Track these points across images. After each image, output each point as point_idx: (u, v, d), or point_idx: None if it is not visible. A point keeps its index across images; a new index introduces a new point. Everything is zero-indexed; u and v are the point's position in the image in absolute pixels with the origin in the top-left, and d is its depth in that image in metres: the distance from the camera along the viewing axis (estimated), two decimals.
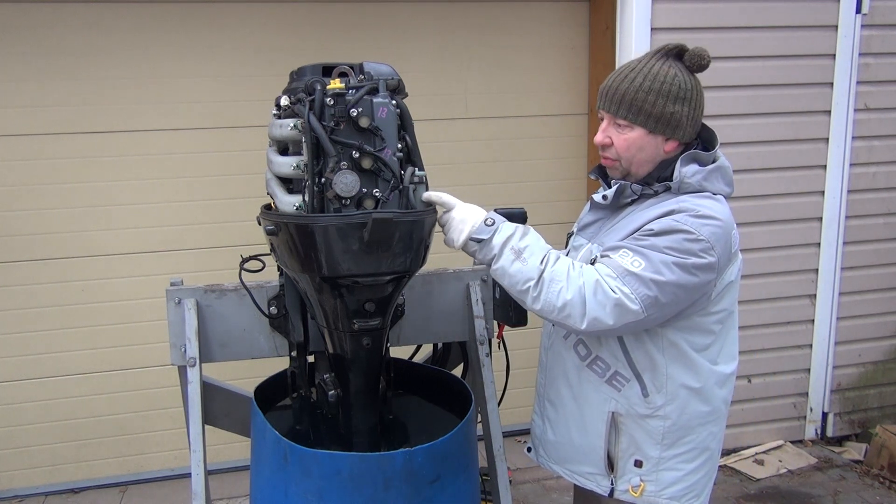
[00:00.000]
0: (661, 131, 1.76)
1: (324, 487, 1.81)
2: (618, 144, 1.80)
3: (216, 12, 3.41)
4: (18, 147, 3.34)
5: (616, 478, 1.86)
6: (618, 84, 1.77)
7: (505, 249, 1.67)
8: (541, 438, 2.04)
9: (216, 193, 3.54)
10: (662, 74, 1.74)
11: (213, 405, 2.27)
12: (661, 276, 1.61)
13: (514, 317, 2.06)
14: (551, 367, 1.99)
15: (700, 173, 1.75)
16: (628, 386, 1.81)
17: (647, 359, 1.79)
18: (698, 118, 1.79)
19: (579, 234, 1.97)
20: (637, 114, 1.75)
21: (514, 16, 3.72)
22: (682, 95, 1.74)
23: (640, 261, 1.63)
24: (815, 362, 3.98)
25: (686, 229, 1.65)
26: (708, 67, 1.77)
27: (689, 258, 1.63)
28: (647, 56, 1.81)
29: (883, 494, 3.60)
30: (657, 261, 1.62)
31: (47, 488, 3.63)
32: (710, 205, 1.72)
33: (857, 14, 3.63)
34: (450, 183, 3.61)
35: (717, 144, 1.82)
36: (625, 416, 1.83)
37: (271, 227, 1.81)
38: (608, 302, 1.61)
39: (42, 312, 3.48)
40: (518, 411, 3.96)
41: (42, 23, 3.26)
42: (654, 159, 1.79)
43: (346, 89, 1.71)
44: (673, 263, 1.62)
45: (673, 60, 1.78)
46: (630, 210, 1.82)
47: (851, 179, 3.82)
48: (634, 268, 1.62)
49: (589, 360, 1.85)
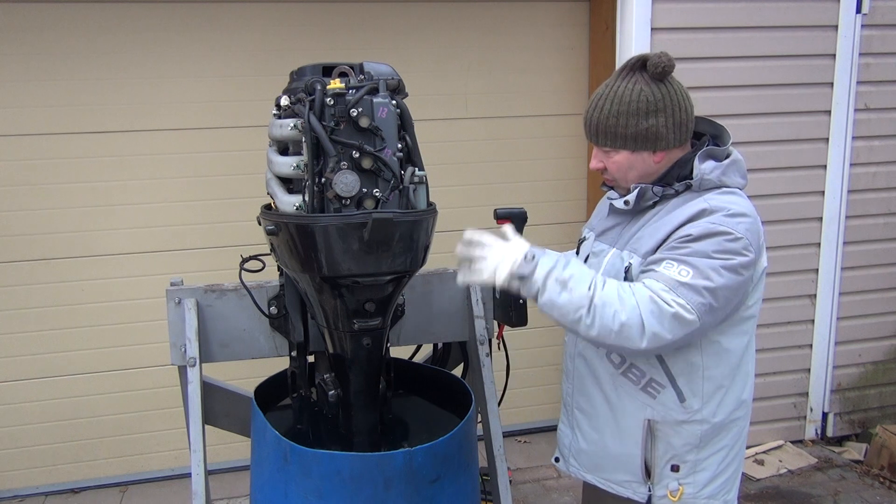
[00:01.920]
0: (642, 148, 1.77)
1: (324, 487, 1.81)
2: (610, 168, 1.83)
3: (216, 12, 3.41)
4: (18, 147, 3.34)
5: (653, 484, 1.85)
6: (591, 115, 1.80)
7: (549, 282, 1.63)
8: (570, 448, 2.01)
9: (216, 193, 3.54)
10: (627, 94, 1.74)
11: (213, 405, 2.27)
12: (711, 281, 1.62)
13: (514, 317, 2.06)
14: (581, 375, 1.94)
15: (718, 169, 1.76)
16: (664, 392, 1.80)
17: (684, 363, 1.78)
18: (681, 121, 1.77)
19: (599, 240, 1.94)
20: (614, 139, 1.77)
21: (515, 16, 3.72)
22: (652, 108, 1.73)
23: (687, 269, 1.63)
24: (815, 362, 3.98)
25: (725, 230, 1.65)
26: (670, 72, 1.75)
27: (733, 258, 1.64)
28: (613, 77, 1.81)
29: (883, 494, 3.59)
30: (705, 267, 1.63)
31: (47, 488, 3.63)
32: (737, 200, 1.74)
33: (857, 14, 3.62)
34: (450, 183, 3.64)
35: (730, 139, 1.83)
36: (661, 422, 1.81)
37: (271, 227, 1.81)
38: (665, 316, 1.60)
39: (42, 312, 3.48)
40: (518, 411, 3.97)
41: (42, 23, 3.26)
42: (648, 173, 1.80)
43: (346, 89, 1.71)
44: (721, 267, 1.63)
45: (639, 74, 1.77)
46: (655, 212, 1.81)
47: (851, 179, 3.82)
48: (683, 277, 1.62)
49: (624, 368, 1.83)
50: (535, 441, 4.03)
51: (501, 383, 2.40)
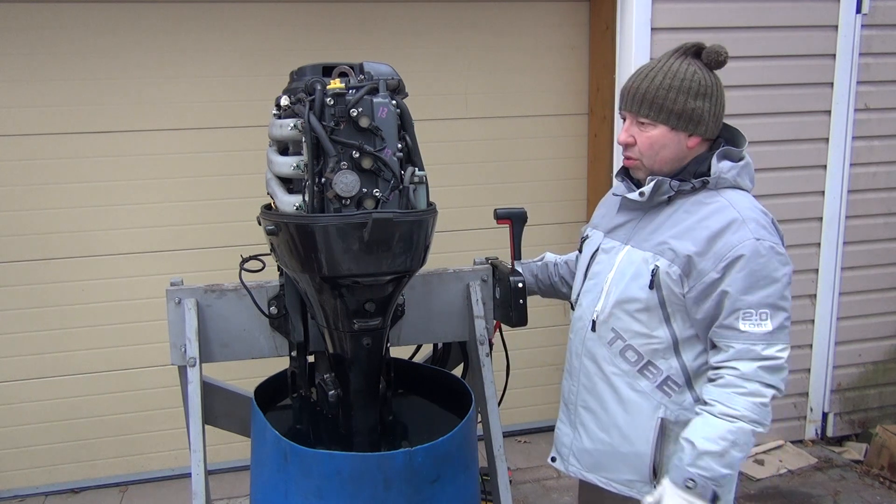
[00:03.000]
0: (682, 128, 1.77)
1: (324, 487, 1.81)
2: (641, 143, 1.81)
3: (216, 12, 3.41)
4: (18, 147, 3.34)
5: (658, 484, 1.83)
6: (638, 83, 1.79)
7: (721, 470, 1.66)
8: (571, 447, 1.99)
9: (216, 193, 3.54)
10: (682, 72, 1.76)
11: (213, 405, 2.27)
12: (785, 306, 1.74)
13: (514, 317, 2.06)
14: (588, 373, 1.92)
15: (734, 169, 1.79)
16: (679, 391, 1.80)
17: (701, 363, 1.79)
18: (720, 114, 1.81)
19: (609, 237, 1.93)
20: (659, 111, 1.77)
21: (515, 16, 3.72)
22: (703, 91, 1.76)
23: (766, 312, 1.71)
24: (815, 362, 3.98)
25: (770, 245, 1.72)
26: (726, 64, 1.79)
27: (782, 275, 1.74)
28: (665, 55, 1.82)
29: (883, 494, 3.59)
30: (776, 297, 1.72)
31: (47, 488, 3.63)
32: (753, 204, 1.78)
33: (857, 14, 3.62)
34: (450, 183, 3.64)
35: (746, 143, 1.86)
36: (674, 422, 1.81)
37: (271, 227, 1.81)
38: (767, 404, 1.72)
39: (42, 312, 3.48)
40: (518, 411, 3.97)
41: (43, 23, 3.26)
42: (677, 157, 1.80)
43: (346, 89, 1.71)
44: (783, 296, 1.73)
45: (691, 58, 1.80)
46: (673, 209, 1.81)
47: (851, 179, 3.82)
48: (766, 327, 1.71)
49: (640, 366, 1.82)
50: (535, 441, 4.03)
51: (501, 383, 2.39)
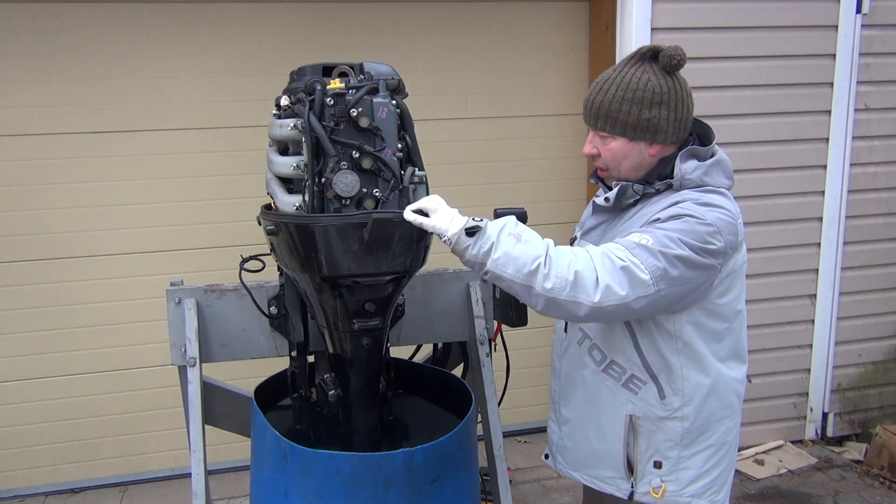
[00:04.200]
0: (640, 138, 1.76)
1: (324, 487, 1.81)
2: (603, 154, 1.83)
3: (216, 12, 3.41)
4: (18, 147, 3.34)
5: (636, 480, 1.86)
6: (594, 96, 1.79)
7: (502, 236, 1.61)
8: (558, 445, 2.02)
9: (216, 193, 3.54)
10: (635, 82, 1.74)
11: (213, 405, 2.27)
12: (670, 249, 1.60)
13: (514, 317, 2.06)
14: (566, 373, 1.97)
15: (700, 168, 1.76)
16: (645, 389, 1.81)
17: (661, 361, 1.79)
18: (683, 117, 1.77)
19: (583, 238, 1.96)
20: (614, 125, 1.76)
21: (515, 16, 3.72)
22: (657, 100, 1.73)
23: (647, 237, 1.62)
24: (815, 362, 3.98)
25: (692, 214, 1.66)
26: (683, 66, 1.75)
27: (696, 239, 1.63)
28: (622, 63, 1.80)
29: (883, 494, 3.60)
30: (664, 236, 1.62)
31: (47, 488, 3.63)
32: (714, 197, 1.73)
33: (857, 14, 3.62)
34: (450, 183, 3.63)
35: (714, 139, 1.82)
36: (642, 418, 1.82)
37: (271, 227, 1.81)
38: (616, 269, 1.58)
39: (42, 312, 3.48)
40: (518, 411, 3.97)
41: (43, 23, 3.26)
42: (641, 164, 1.80)
43: (346, 89, 1.71)
44: (680, 239, 1.61)
45: (648, 64, 1.76)
46: (635, 210, 1.82)
47: (851, 179, 3.81)
48: (642, 242, 1.62)
49: (604, 365, 1.84)
50: (535, 441, 4.03)
51: (501, 383, 2.39)
